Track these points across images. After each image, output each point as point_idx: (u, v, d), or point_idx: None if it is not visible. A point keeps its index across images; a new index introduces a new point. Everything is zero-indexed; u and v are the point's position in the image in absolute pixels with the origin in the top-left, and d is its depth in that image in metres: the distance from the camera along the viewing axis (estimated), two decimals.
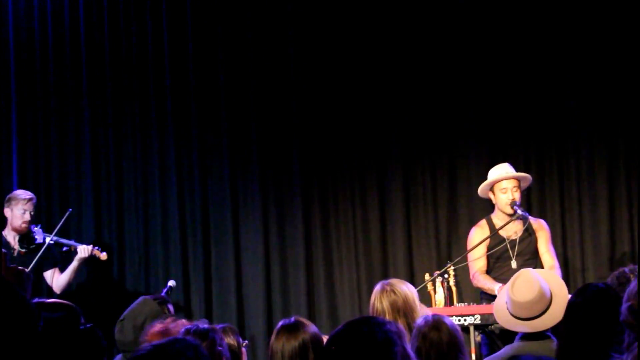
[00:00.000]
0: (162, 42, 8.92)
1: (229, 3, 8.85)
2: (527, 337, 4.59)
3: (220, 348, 3.98)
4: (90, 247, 7.71)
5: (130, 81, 8.96)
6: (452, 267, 6.99)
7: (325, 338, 3.58)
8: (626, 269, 4.62)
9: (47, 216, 8.83)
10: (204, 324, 4.23)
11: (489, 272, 7.04)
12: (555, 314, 4.61)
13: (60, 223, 7.90)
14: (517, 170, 7.24)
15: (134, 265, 8.86)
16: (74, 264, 7.71)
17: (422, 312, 5.09)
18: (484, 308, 6.38)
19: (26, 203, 7.64)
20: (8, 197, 7.81)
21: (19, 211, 7.62)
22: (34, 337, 3.15)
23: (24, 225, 7.65)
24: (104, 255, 7.79)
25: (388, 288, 4.88)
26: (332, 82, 8.66)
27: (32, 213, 7.72)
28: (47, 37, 9.08)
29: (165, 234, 8.83)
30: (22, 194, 7.74)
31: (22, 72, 9.12)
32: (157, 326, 4.61)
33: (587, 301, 3.79)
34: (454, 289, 7.09)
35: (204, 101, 8.86)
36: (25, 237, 7.68)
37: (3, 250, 4.19)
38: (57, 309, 3.71)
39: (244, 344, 5.59)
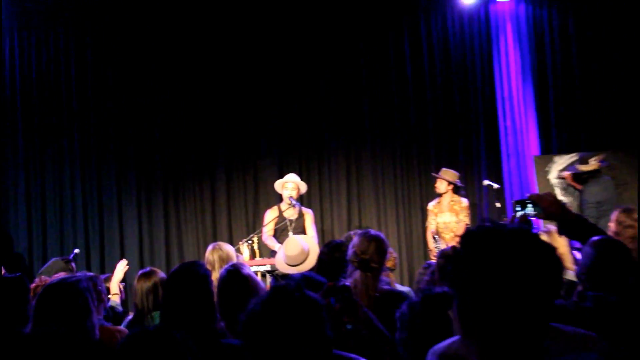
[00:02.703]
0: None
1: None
2: None
3: (100, 288, 3.78)
4: None
5: (59, 122, 8.54)
6: (255, 237, 7.02)
7: None
8: (351, 232, 4.80)
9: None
10: (90, 273, 4.13)
11: (276, 239, 7.11)
12: (311, 262, 4.86)
13: None
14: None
15: (53, 239, 8.49)
16: None
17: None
18: (273, 261, 6.45)
19: None
20: None
21: None
22: None
23: None
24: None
25: (217, 247, 4.78)
26: (181, 119, 8.58)
27: None
28: None
29: (74, 219, 8.51)
30: None
31: None
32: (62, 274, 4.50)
33: (329, 250, 3.93)
34: (256, 250, 7.11)
35: (99, 134, 8.57)
36: None
37: None
38: None
39: (122, 286, 5.50)
